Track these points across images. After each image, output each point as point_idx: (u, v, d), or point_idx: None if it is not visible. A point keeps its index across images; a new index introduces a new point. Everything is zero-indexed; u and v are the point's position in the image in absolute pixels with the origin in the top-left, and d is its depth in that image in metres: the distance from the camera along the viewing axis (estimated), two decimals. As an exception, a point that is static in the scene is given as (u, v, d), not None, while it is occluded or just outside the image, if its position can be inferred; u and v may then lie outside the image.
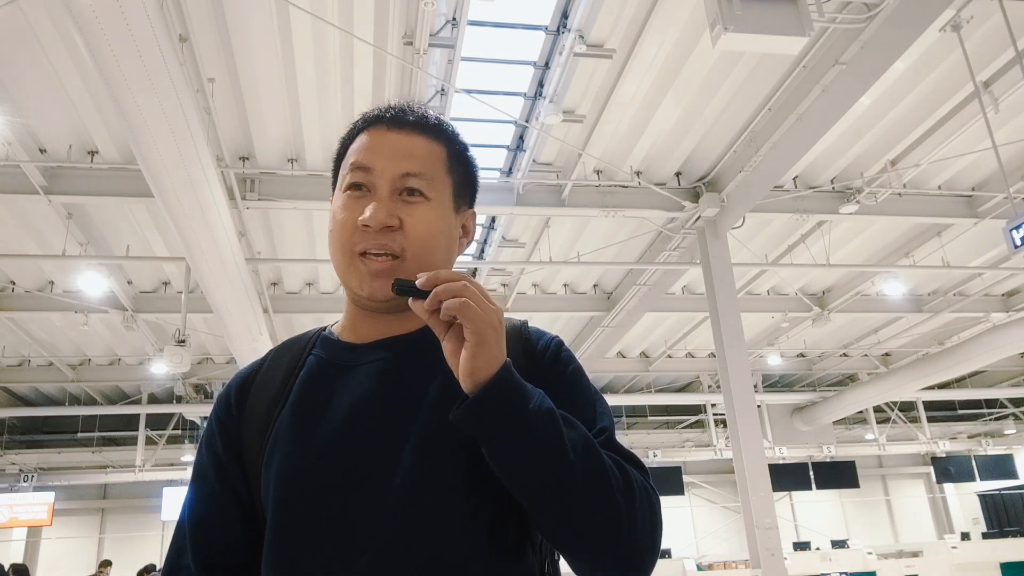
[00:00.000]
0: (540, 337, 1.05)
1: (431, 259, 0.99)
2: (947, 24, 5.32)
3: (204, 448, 1.05)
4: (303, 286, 9.97)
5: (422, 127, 1.04)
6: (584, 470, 0.84)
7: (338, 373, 1.00)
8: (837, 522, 18.26)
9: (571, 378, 1.01)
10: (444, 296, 0.83)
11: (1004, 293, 11.49)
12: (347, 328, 1.06)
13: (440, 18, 5.51)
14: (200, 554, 1.00)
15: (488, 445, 0.85)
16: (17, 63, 5.57)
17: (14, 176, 6.64)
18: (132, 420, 14.23)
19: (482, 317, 0.82)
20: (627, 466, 0.90)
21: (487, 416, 0.83)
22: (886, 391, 12.98)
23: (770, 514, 7.07)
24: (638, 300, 9.83)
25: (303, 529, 0.91)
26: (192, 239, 5.96)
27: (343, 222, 0.99)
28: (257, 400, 1.03)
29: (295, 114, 6.39)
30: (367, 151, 1.01)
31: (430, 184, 1.00)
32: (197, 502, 1.03)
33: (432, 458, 0.91)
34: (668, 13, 5.45)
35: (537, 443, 0.83)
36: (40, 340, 10.93)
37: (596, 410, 0.99)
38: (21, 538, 15.31)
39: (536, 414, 0.84)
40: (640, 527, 0.87)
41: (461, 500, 0.90)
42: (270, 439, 0.97)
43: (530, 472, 0.84)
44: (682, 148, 7.29)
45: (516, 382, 0.84)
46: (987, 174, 8.05)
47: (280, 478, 0.94)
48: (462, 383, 0.84)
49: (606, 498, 0.85)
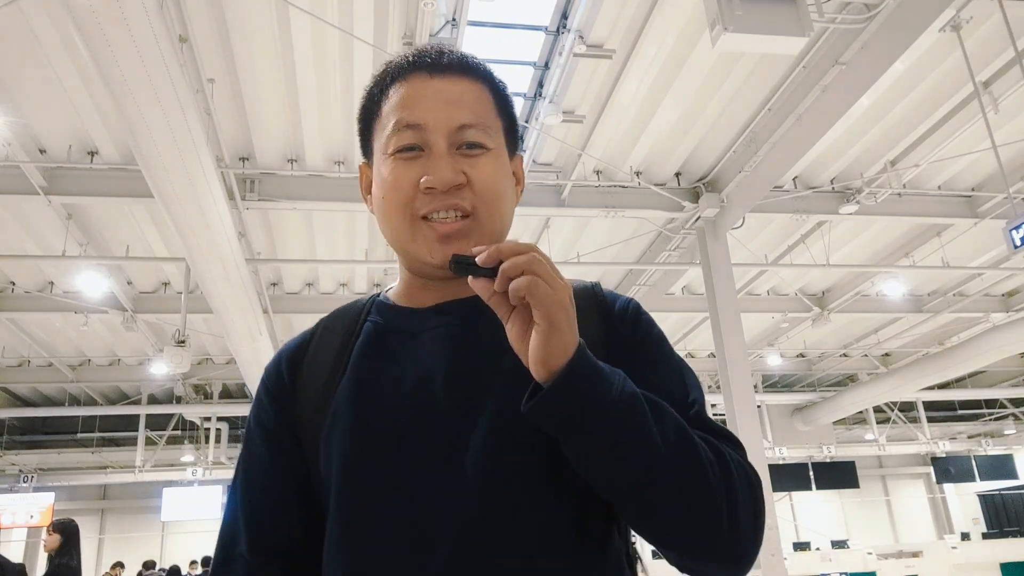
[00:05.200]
0: (615, 300, 0.97)
1: (502, 214, 0.92)
2: (947, 24, 5.32)
3: (254, 425, 0.96)
4: (303, 286, 9.97)
5: (465, 68, 0.93)
6: (676, 462, 0.76)
7: (400, 340, 0.92)
8: (837, 522, 18.26)
9: (654, 345, 0.93)
10: (512, 273, 0.73)
11: (1004, 293, 11.50)
12: (404, 294, 0.98)
13: (440, 18, 5.51)
14: (257, 539, 0.91)
15: (566, 439, 0.76)
16: (17, 63, 5.56)
17: (14, 176, 6.64)
18: (132, 421, 14.23)
19: (553, 297, 0.73)
20: (722, 447, 0.81)
21: (564, 409, 0.74)
22: (886, 391, 12.98)
23: (770, 514, 7.06)
24: (638, 300, 9.82)
25: (370, 515, 0.84)
26: (192, 239, 5.96)
27: (398, 184, 0.88)
28: (312, 371, 0.94)
29: (295, 114, 6.39)
30: (413, 106, 0.90)
31: (486, 133, 0.91)
32: (250, 482, 0.94)
33: (508, 438, 0.83)
34: (668, 14, 5.45)
35: (622, 436, 0.75)
36: (40, 341, 10.93)
37: (685, 381, 0.90)
38: (21, 538, 15.31)
39: (618, 403, 0.75)
40: (742, 517, 0.78)
41: (541, 485, 0.82)
42: (330, 413, 0.89)
43: (615, 467, 0.76)
44: (682, 148, 7.29)
45: (594, 368, 0.76)
46: (987, 174, 8.04)
47: (343, 457, 0.86)
48: (533, 371, 0.75)
49: (702, 491, 0.76)
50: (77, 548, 4.65)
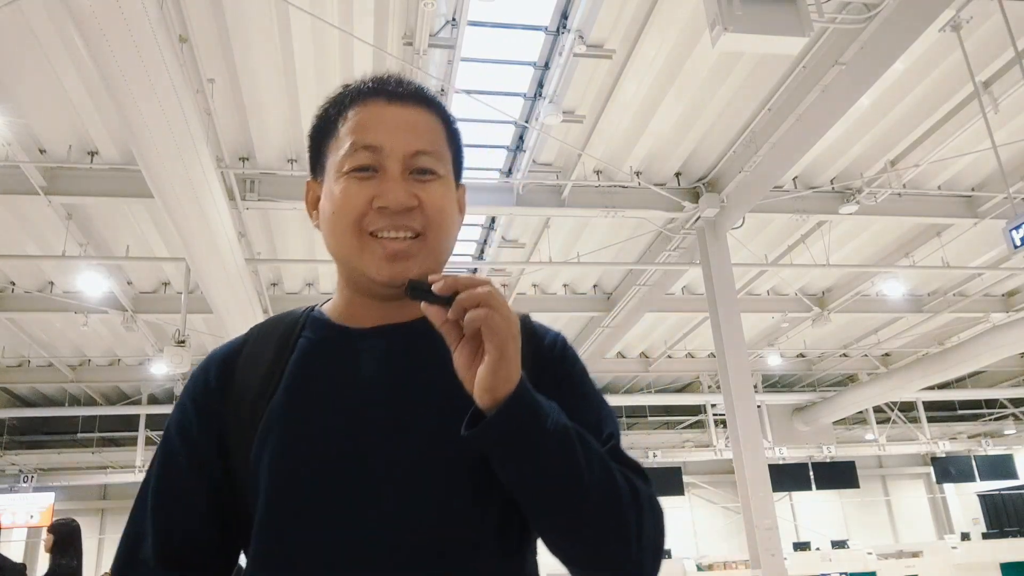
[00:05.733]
0: (546, 334, 1.01)
1: (448, 238, 0.95)
2: (947, 24, 5.32)
3: (175, 433, 0.95)
4: (303, 286, 9.97)
5: (422, 99, 0.97)
6: (597, 490, 0.82)
7: (335, 359, 0.94)
8: (837, 522, 18.25)
9: (578, 378, 0.98)
10: (468, 304, 0.77)
11: (1004, 293, 11.50)
12: (342, 312, 0.99)
13: (440, 18, 5.51)
14: (164, 547, 0.91)
15: (501, 462, 0.82)
16: (17, 63, 5.56)
17: (14, 176, 6.64)
18: (132, 420, 14.22)
19: (507, 330, 0.78)
20: (635, 479, 0.88)
21: (504, 436, 0.79)
22: (886, 391, 12.97)
23: (770, 514, 7.07)
24: (638, 300, 9.83)
25: (301, 522, 0.86)
26: (192, 239, 5.97)
27: (351, 202, 0.91)
28: (244, 382, 0.94)
29: (295, 114, 6.39)
30: (371, 129, 0.93)
31: (438, 160, 0.95)
32: (162, 488, 0.94)
33: (437, 454, 0.87)
34: (668, 13, 5.45)
35: (552, 463, 0.80)
36: (40, 341, 10.93)
37: (602, 414, 0.96)
38: (21, 539, 15.31)
39: (553, 434, 0.80)
40: (646, 543, 0.85)
41: (467, 497, 0.87)
42: (262, 426, 0.89)
43: (543, 490, 0.82)
44: (682, 148, 7.29)
45: (534, 400, 0.81)
46: (987, 174, 8.05)
47: (276, 470, 0.87)
48: (478, 398, 0.79)
49: (617, 517, 0.83)
50: (77, 548, 4.64)
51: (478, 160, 7.61)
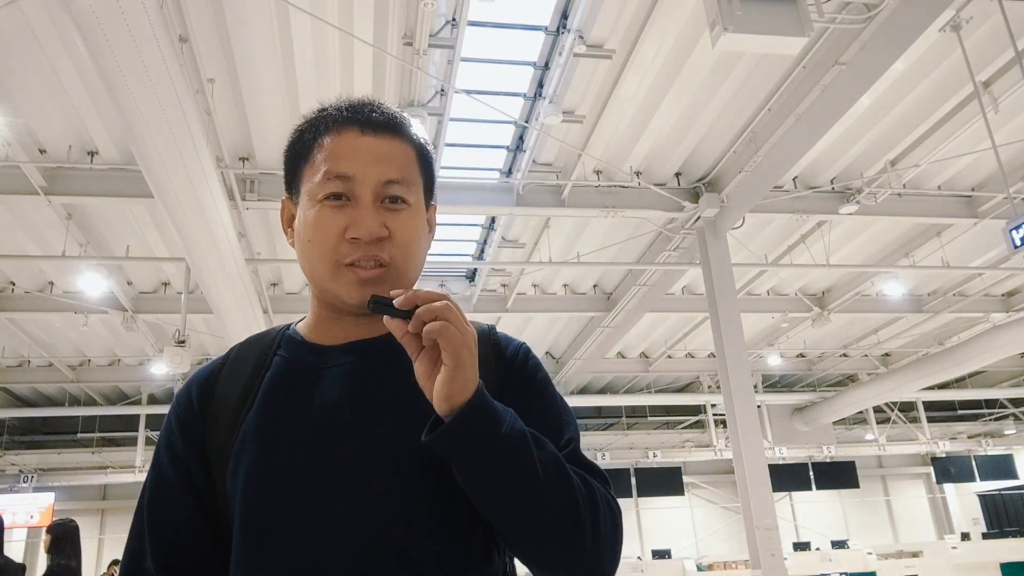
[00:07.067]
0: (509, 343, 1.06)
1: (416, 263, 1.00)
2: (947, 24, 5.32)
3: (164, 449, 1.02)
4: (303, 286, 9.97)
5: (394, 128, 1.01)
6: (553, 490, 0.86)
7: (306, 376, 0.98)
8: (837, 522, 18.25)
9: (539, 386, 1.03)
10: (427, 317, 0.82)
11: (1004, 293, 11.49)
12: (313, 329, 1.04)
13: (440, 18, 5.52)
14: (164, 557, 0.97)
15: (460, 466, 0.85)
16: (17, 63, 5.56)
17: (14, 176, 6.64)
18: (132, 421, 14.21)
19: (462, 341, 0.82)
20: (592, 481, 0.92)
21: (461, 441, 0.83)
22: (886, 391, 12.97)
23: (770, 514, 7.07)
24: (638, 300, 9.83)
25: (274, 533, 0.90)
26: (192, 239, 5.96)
27: (324, 231, 0.96)
28: (222, 400, 1.00)
29: (295, 114, 6.38)
30: (344, 158, 0.97)
31: (409, 189, 0.99)
32: (158, 504, 1.00)
33: (404, 465, 0.91)
34: (668, 13, 5.45)
35: (508, 466, 0.84)
36: (40, 341, 10.93)
37: (562, 419, 1.00)
38: (21, 539, 15.30)
39: (508, 439, 0.84)
40: (603, 543, 0.89)
41: (433, 507, 0.91)
42: (237, 441, 0.95)
43: (500, 493, 0.85)
44: (682, 148, 7.29)
45: (490, 406, 0.85)
46: (987, 174, 8.04)
47: (249, 483, 0.92)
48: (436, 406, 0.83)
49: (573, 517, 0.86)
50: (76, 548, 4.63)
51: (478, 160, 7.62)
